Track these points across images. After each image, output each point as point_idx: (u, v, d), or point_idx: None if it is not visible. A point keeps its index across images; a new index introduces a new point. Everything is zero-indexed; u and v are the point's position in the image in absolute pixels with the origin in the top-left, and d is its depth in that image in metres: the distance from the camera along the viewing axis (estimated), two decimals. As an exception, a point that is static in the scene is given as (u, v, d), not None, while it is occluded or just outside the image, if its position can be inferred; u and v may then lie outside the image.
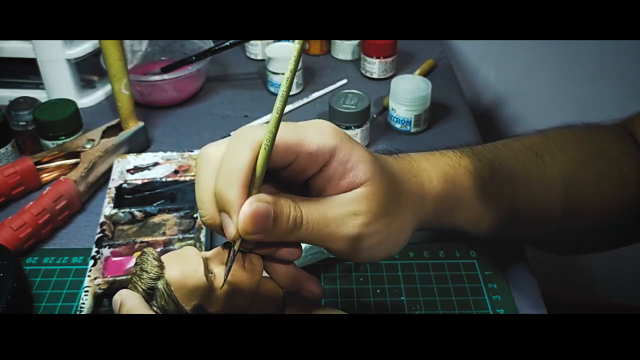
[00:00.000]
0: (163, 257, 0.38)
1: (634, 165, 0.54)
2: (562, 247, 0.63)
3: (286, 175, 0.39)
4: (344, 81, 0.87)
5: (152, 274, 0.37)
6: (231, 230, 0.36)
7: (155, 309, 0.37)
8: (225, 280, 0.38)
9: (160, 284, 0.37)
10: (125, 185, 0.64)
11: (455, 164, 0.47)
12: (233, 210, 0.35)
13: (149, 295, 0.37)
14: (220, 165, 0.36)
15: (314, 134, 0.38)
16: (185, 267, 0.37)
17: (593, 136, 0.55)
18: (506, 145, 0.52)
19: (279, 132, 0.35)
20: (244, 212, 0.35)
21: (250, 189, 0.36)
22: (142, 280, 0.37)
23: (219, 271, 0.38)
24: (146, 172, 0.67)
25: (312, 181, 0.39)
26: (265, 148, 0.35)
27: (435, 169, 0.46)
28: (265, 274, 0.41)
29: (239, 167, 0.35)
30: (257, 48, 0.92)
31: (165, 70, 0.80)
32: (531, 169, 0.51)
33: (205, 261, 0.38)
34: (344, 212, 0.38)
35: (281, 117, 0.35)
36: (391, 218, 0.40)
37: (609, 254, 1.29)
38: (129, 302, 0.37)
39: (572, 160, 0.53)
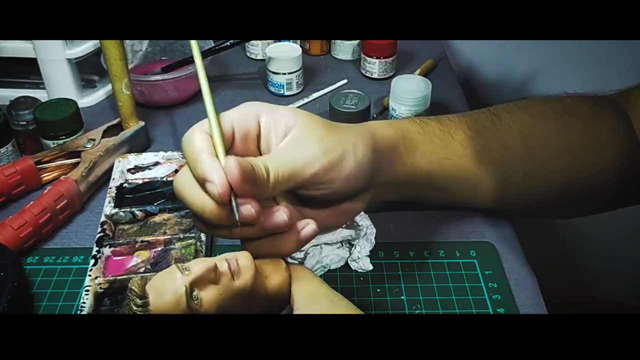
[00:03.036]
0: (149, 285, 0.38)
1: (610, 127, 0.55)
2: (536, 208, 0.63)
3: (245, 154, 0.42)
4: (344, 81, 0.87)
5: (137, 311, 0.37)
6: (212, 190, 0.37)
7: None
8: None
9: None
10: (126, 184, 0.64)
11: (399, 120, 0.53)
12: (207, 172, 0.37)
13: None
14: (187, 165, 0.39)
15: (236, 108, 0.43)
16: (168, 299, 0.37)
17: (563, 99, 0.57)
18: (460, 113, 0.57)
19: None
20: (230, 168, 0.37)
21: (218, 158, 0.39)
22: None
23: (205, 294, 0.38)
24: (147, 171, 0.67)
25: (262, 149, 0.43)
26: (209, 125, 0.40)
27: (378, 121, 0.51)
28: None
29: (195, 149, 0.39)
30: (257, 48, 0.92)
31: (165, 70, 0.80)
32: (484, 122, 0.55)
33: (190, 288, 0.37)
34: (293, 146, 0.42)
35: (210, 92, 0.41)
36: (337, 135, 0.44)
37: (609, 255, 1.29)
38: None
39: (532, 116, 0.56)
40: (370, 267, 0.57)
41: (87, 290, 0.52)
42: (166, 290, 0.37)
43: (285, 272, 0.42)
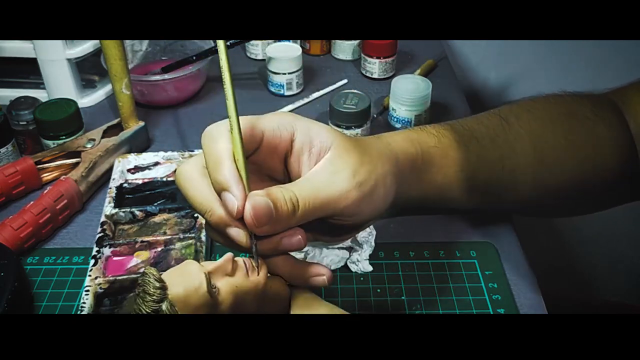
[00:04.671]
0: (164, 275, 0.38)
1: (610, 127, 0.55)
2: (544, 209, 0.63)
3: (266, 165, 0.42)
4: (344, 81, 0.87)
5: (155, 297, 0.36)
6: (232, 205, 0.37)
7: None
8: (258, 270, 0.40)
9: (164, 306, 0.36)
10: (125, 184, 0.64)
11: (417, 130, 0.51)
12: (231, 184, 0.37)
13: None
14: (206, 162, 0.39)
15: (271, 116, 0.42)
16: (188, 285, 0.37)
17: (565, 100, 0.57)
18: (469, 117, 0.56)
19: (241, 118, 0.39)
20: (247, 211, 0.37)
21: (239, 172, 0.38)
22: (146, 304, 0.36)
23: (222, 285, 0.38)
24: (147, 171, 0.67)
25: (290, 166, 0.42)
26: (230, 131, 0.38)
27: (398, 134, 0.49)
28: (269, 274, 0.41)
29: (220, 151, 0.38)
30: (257, 48, 0.92)
31: (165, 70, 0.80)
32: (495, 129, 0.54)
33: (208, 276, 0.38)
34: (327, 175, 0.41)
35: (235, 101, 0.39)
36: (370, 166, 0.42)
37: (609, 253, 1.28)
38: None
39: (539, 119, 0.56)
40: (370, 269, 0.57)
41: (87, 291, 0.52)
42: (185, 276, 0.37)
43: (286, 288, 0.43)
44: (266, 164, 0.42)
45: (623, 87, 0.59)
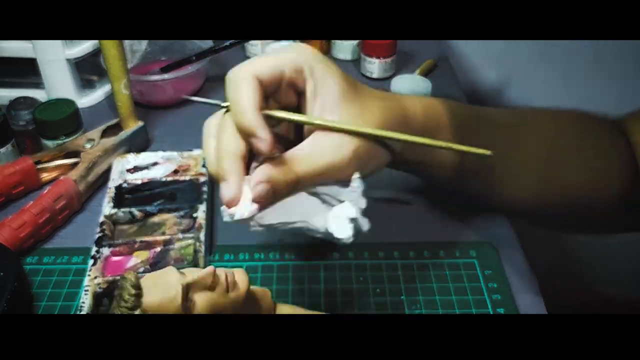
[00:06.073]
0: (144, 280, 0.38)
1: (621, 154, 0.56)
2: (547, 220, 0.64)
3: (281, 96, 0.43)
4: (344, 81, 0.87)
5: (128, 304, 0.36)
6: (265, 145, 0.39)
7: None
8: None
9: (137, 312, 0.36)
10: (125, 184, 0.64)
11: (434, 101, 0.51)
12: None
13: None
14: (231, 109, 0.41)
15: (292, 55, 0.43)
16: (163, 295, 0.37)
17: (590, 121, 0.58)
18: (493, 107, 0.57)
19: (262, 62, 0.41)
20: (248, 196, 0.40)
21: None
22: (120, 308, 0.37)
23: (199, 299, 0.38)
24: (146, 171, 0.67)
25: (302, 102, 0.44)
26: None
27: (416, 97, 0.51)
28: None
29: (245, 95, 0.40)
30: (257, 48, 0.92)
31: (165, 70, 0.80)
32: (514, 120, 0.55)
33: (186, 288, 0.37)
34: (329, 149, 0.42)
35: None
36: (376, 125, 0.44)
37: (609, 254, 1.28)
38: None
39: (557, 127, 0.56)
40: (350, 239, 0.43)
41: (87, 290, 0.52)
42: (162, 286, 0.37)
43: (271, 301, 0.43)
44: (281, 96, 0.44)
45: (631, 114, 0.59)
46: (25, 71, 0.79)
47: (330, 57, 0.94)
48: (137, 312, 0.36)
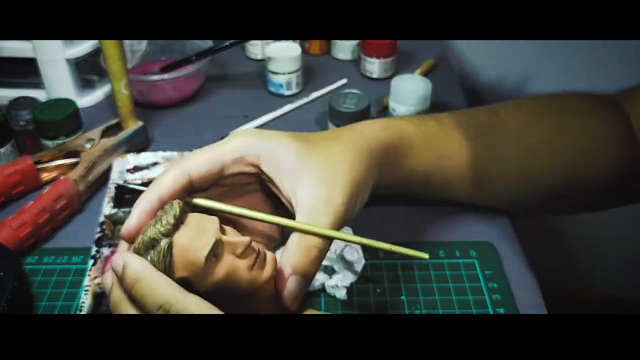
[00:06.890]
0: (188, 217, 0.38)
1: (606, 123, 0.56)
2: (543, 204, 0.63)
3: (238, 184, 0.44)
4: (344, 81, 0.87)
5: (163, 229, 0.37)
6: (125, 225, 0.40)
7: (147, 257, 0.37)
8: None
9: (163, 242, 0.37)
10: (125, 184, 0.64)
11: (397, 118, 0.53)
12: (134, 207, 0.41)
13: (151, 244, 0.37)
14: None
15: (234, 143, 0.43)
16: (194, 240, 0.37)
17: (560, 97, 0.58)
18: (459, 110, 0.58)
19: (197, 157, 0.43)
20: (287, 299, 0.40)
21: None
22: (155, 228, 0.37)
23: (224, 259, 0.38)
24: (146, 171, 0.67)
25: (279, 192, 0.44)
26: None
27: (375, 122, 0.51)
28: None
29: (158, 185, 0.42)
30: (257, 48, 0.92)
31: (165, 69, 0.80)
32: (483, 121, 0.56)
33: (217, 243, 0.37)
34: (320, 214, 0.41)
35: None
36: (345, 179, 0.43)
37: (610, 254, 1.28)
38: (133, 264, 0.37)
39: (525, 114, 0.57)
40: (345, 298, 0.54)
41: (87, 290, 0.52)
42: (198, 231, 0.37)
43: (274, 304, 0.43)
44: (233, 181, 0.44)
45: (629, 88, 0.59)
46: (25, 71, 0.79)
47: (330, 57, 0.95)
48: (163, 242, 0.37)
